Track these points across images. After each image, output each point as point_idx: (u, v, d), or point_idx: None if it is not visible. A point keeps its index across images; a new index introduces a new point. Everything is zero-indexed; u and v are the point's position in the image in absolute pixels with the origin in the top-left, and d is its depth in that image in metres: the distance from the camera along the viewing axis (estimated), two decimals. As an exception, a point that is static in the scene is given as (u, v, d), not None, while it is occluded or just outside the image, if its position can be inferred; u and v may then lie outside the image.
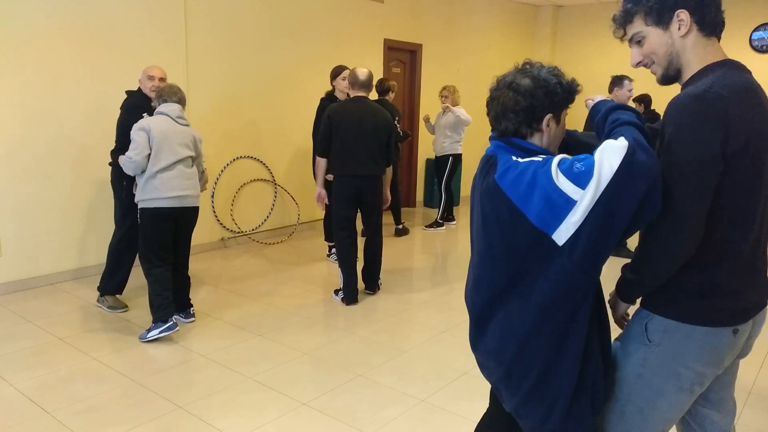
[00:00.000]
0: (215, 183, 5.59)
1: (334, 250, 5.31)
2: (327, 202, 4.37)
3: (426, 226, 6.78)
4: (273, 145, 6.06)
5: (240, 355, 3.38)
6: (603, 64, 8.10)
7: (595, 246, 1.33)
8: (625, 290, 1.55)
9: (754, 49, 7.78)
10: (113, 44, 4.60)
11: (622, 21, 1.52)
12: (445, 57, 8.04)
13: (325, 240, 5.41)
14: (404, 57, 7.61)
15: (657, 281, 1.45)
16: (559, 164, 1.35)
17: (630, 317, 1.61)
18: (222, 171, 5.64)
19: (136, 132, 3.45)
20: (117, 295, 4.04)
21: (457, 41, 8.22)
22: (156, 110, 3.59)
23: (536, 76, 1.47)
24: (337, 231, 4.30)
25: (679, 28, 1.45)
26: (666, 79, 1.53)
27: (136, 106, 3.83)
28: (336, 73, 4.97)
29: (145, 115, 3.66)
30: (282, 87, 6.03)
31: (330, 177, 4.94)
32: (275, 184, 6.14)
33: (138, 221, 3.62)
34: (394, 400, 2.91)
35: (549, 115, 1.48)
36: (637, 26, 1.50)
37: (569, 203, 1.30)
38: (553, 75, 1.48)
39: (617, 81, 5.62)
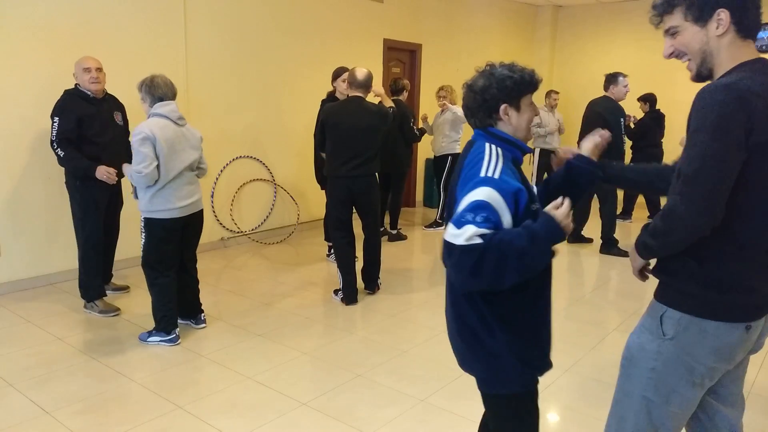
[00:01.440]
0: (215, 183, 5.59)
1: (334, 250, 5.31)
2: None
3: (425, 226, 6.78)
4: (273, 145, 6.06)
5: (239, 355, 3.38)
6: (602, 64, 8.10)
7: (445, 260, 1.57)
8: (641, 250, 1.57)
9: (759, 49, 7.77)
10: (112, 45, 4.60)
11: (662, 10, 1.51)
12: (445, 57, 8.04)
13: (325, 240, 5.41)
14: (404, 57, 7.61)
15: (668, 251, 1.49)
16: (477, 201, 1.53)
17: (650, 268, 1.65)
18: (222, 171, 5.64)
19: (141, 143, 3.17)
20: (104, 298, 4.00)
21: (456, 41, 8.22)
22: (152, 111, 3.30)
23: (490, 74, 1.67)
24: (333, 232, 4.31)
25: (717, 27, 1.44)
26: (699, 77, 1.52)
27: (63, 107, 3.67)
28: (337, 74, 4.96)
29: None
30: (282, 87, 6.03)
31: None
32: (275, 184, 6.14)
33: (84, 215, 3.56)
34: (393, 400, 2.91)
35: (504, 105, 1.66)
36: (676, 19, 1.49)
37: (456, 214, 1.55)
38: (506, 70, 1.66)
39: (612, 78, 5.63)
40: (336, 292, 4.36)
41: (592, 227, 6.21)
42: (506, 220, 1.55)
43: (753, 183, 1.39)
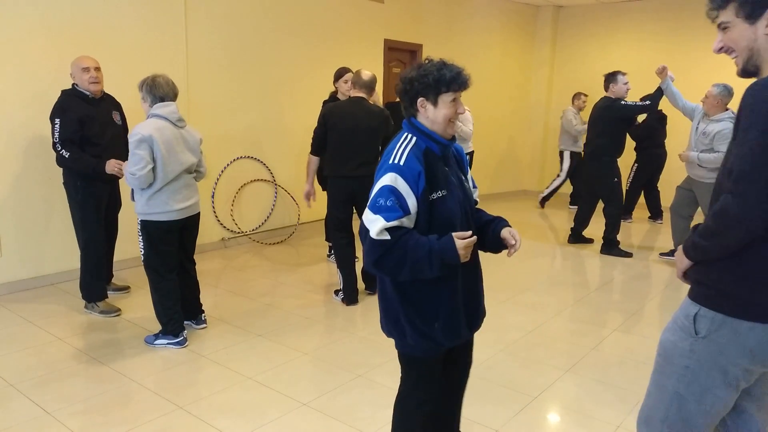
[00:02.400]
0: (215, 183, 5.59)
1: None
2: (314, 200, 4.41)
3: None
4: (273, 145, 6.06)
5: (240, 355, 3.38)
6: (603, 64, 8.09)
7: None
8: (690, 251, 1.56)
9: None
10: (113, 45, 4.60)
11: (717, 5, 1.52)
12: (446, 57, 8.01)
13: (326, 240, 5.40)
14: (404, 57, 7.61)
15: (722, 252, 1.47)
16: (385, 187, 1.77)
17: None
18: (222, 171, 5.64)
19: (137, 144, 3.11)
20: (105, 299, 3.99)
21: (457, 42, 8.22)
22: (151, 112, 3.24)
23: (418, 67, 1.85)
24: (333, 232, 4.31)
25: (766, 26, 1.45)
26: (745, 73, 1.53)
27: (63, 109, 3.64)
28: (339, 75, 4.95)
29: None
30: (282, 87, 6.03)
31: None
32: (275, 184, 6.14)
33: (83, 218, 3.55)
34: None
35: (421, 99, 1.84)
36: (728, 15, 1.50)
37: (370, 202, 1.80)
38: (433, 67, 1.83)
39: (611, 77, 5.64)
40: (337, 292, 4.36)
41: (594, 228, 6.21)
42: (411, 203, 1.77)
43: None
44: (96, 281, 3.93)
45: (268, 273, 4.99)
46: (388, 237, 1.73)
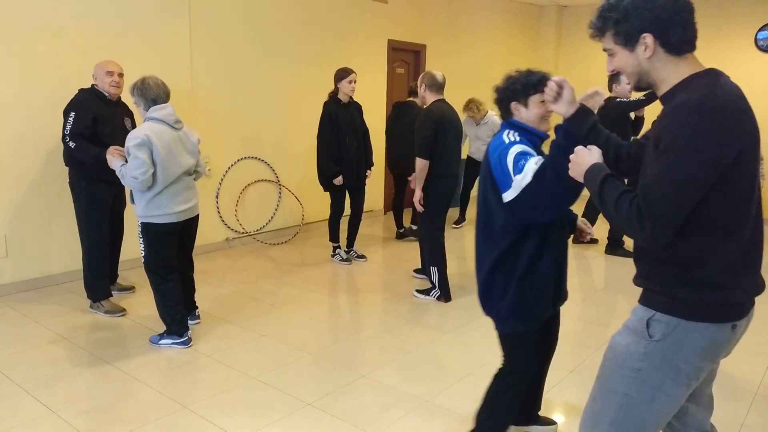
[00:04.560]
0: (219, 183, 5.60)
1: (338, 251, 5.31)
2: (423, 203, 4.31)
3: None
4: (277, 145, 6.07)
5: (244, 355, 3.38)
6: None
7: (521, 214, 2.04)
8: (587, 177, 1.62)
9: (760, 48, 7.75)
10: (116, 45, 4.62)
11: (595, 33, 1.59)
12: (449, 57, 8.03)
13: (330, 240, 5.40)
14: (408, 57, 7.61)
15: (600, 209, 1.57)
16: (516, 153, 2.01)
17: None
18: (226, 172, 5.65)
19: (137, 148, 3.12)
20: (110, 298, 4.01)
21: (461, 42, 8.22)
22: (148, 116, 3.25)
23: (508, 78, 2.18)
24: (436, 233, 4.31)
25: (644, 50, 1.49)
26: (639, 89, 1.60)
27: (79, 105, 3.67)
28: (341, 75, 4.92)
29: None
30: (286, 88, 6.04)
31: (338, 182, 4.91)
32: (279, 184, 6.15)
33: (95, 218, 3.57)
34: (398, 401, 2.91)
35: (513, 103, 2.16)
36: (607, 43, 1.57)
37: (508, 179, 2.00)
38: (520, 75, 2.14)
39: (614, 78, 5.65)
40: (427, 292, 4.38)
41: (599, 228, 6.18)
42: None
43: (729, 192, 1.42)
44: (100, 281, 3.94)
45: (272, 273, 5.00)
46: (539, 167, 1.94)
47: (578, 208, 2.55)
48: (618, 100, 5.50)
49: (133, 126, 4.03)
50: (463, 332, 3.82)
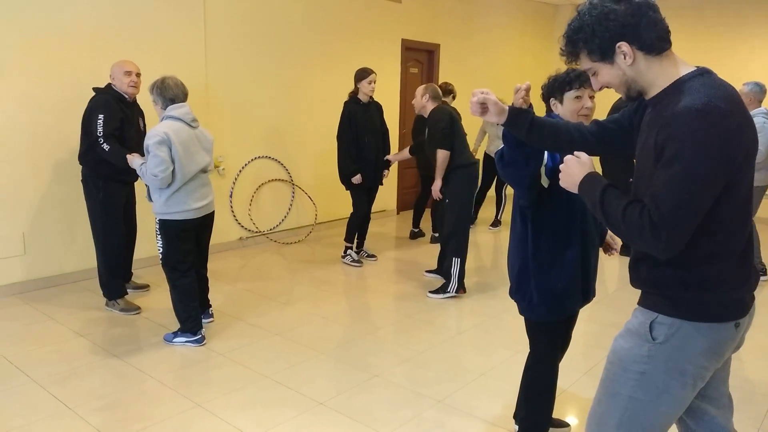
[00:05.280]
0: (234, 183, 5.63)
1: (350, 251, 5.29)
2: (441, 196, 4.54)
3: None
4: (290, 145, 6.08)
5: (257, 353, 3.40)
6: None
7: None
8: (593, 197, 1.55)
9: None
10: (132, 44, 4.66)
11: (570, 59, 1.57)
12: (463, 57, 8.01)
13: (345, 240, 5.32)
14: (422, 57, 7.60)
15: (606, 223, 1.54)
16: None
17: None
18: (240, 171, 5.68)
19: (157, 146, 3.19)
20: (125, 296, 4.05)
21: (475, 41, 8.19)
22: (165, 114, 3.32)
23: (549, 76, 2.32)
24: (463, 222, 4.45)
25: (624, 59, 1.48)
26: (630, 99, 1.57)
27: (107, 106, 3.70)
28: (361, 75, 4.91)
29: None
30: (300, 87, 6.06)
31: (356, 180, 4.95)
32: (293, 184, 6.17)
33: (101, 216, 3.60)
34: (410, 401, 2.90)
35: (552, 99, 2.32)
36: (585, 63, 1.55)
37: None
38: (559, 73, 2.28)
39: None
40: (440, 290, 4.43)
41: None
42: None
43: (734, 195, 1.41)
44: (114, 278, 3.99)
45: (285, 272, 5.02)
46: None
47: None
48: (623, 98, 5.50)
49: (145, 126, 4.07)
50: (476, 333, 3.80)
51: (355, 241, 5.35)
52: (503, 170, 2.13)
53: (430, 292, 4.46)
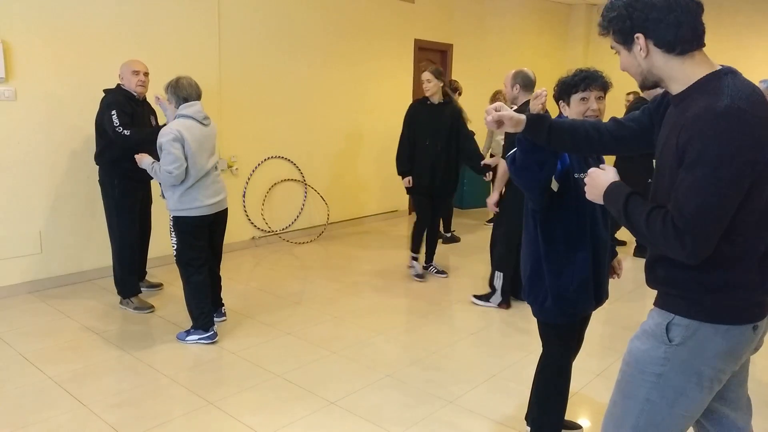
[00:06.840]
0: (247, 182, 5.66)
1: (414, 263, 4.93)
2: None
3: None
4: (303, 145, 6.11)
5: (269, 353, 3.42)
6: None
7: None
8: (621, 212, 1.53)
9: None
10: (146, 44, 4.70)
11: (602, 32, 1.58)
12: (476, 57, 7.99)
13: (410, 250, 4.95)
14: (435, 57, 7.58)
15: (631, 230, 1.53)
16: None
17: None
18: (253, 171, 5.71)
19: (170, 143, 3.26)
20: (139, 295, 4.09)
21: (488, 41, 8.16)
22: (178, 113, 3.38)
23: (559, 78, 2.30)
24: (517, 239, 4.06)
25: (639, 50, 1.48)
26: (646, 88, 1.58)
27: (117, 102, 3.74)
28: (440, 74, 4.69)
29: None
30: (312, 87, 6.08)
31: (405, 183, 4.76)
32: (305, 184, 6.19)
33: (119, 216, 3.64)
34: (422, 401, 2.90)
35: (561, 101, 2.32)
36: (612, 41, 1.56)
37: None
38: (569, 75, 2.27)
39: None
40: (486, 297, 4.28)
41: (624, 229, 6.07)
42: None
43: (757, 195, 1.39)
44: (129, 276, 4.03)
45: (297, 272, 5.03)
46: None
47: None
48: (640, 96, 5.44)
49: (157, 123, 4.11)
50: (487, 334, 3.79)
51: (424, 254, 5.01)
52: (515, 175, 2.11)
53: (474, 296, 4.37)
